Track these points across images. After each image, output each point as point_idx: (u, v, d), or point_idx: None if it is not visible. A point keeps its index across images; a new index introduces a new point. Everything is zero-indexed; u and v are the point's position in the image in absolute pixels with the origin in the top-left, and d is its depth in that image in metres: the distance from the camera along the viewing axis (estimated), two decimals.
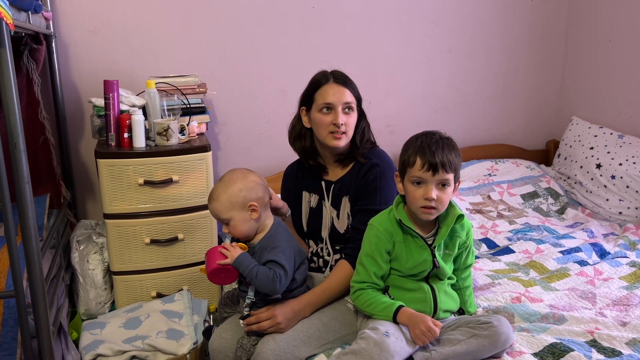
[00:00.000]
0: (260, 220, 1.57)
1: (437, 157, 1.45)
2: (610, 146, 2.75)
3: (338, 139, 1.70)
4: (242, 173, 1.58)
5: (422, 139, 1.50)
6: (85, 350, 1.87)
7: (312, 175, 1.84)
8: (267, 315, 1.55)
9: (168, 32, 2.55)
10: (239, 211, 1.53)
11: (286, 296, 1.59)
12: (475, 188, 2.83)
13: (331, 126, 1.69)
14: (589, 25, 3.05)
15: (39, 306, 1.53)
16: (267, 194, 1.60)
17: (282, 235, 1.58)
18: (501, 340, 1.47)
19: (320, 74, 1.76)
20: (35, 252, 1.48)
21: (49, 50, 2.30)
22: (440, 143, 1.49)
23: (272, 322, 1.54)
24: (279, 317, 1.54)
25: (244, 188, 1.53)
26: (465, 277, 1.67)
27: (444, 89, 3.08)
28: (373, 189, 1.70)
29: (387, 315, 1.50)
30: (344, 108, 1.70)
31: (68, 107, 2.47)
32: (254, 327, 1.57)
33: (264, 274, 1.48)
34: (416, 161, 1.47)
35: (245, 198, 1.53)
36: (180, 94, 2.31)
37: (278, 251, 1.52)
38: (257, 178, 1.59)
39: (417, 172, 1.48)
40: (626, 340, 1.54)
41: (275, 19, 2.68)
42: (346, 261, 1.68)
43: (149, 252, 2.18)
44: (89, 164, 2.58)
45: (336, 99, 1.70)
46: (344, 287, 1.66)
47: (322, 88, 1.73)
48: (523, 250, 2.26)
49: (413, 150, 1.49)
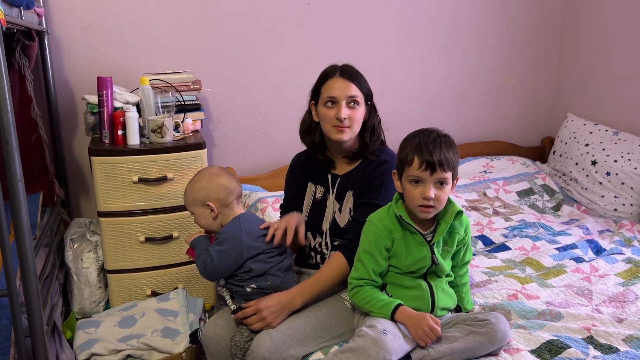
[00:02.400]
0: (219, 219, 1.66)
1: (435, 156, 1.45)
2: (605, 143, 2.75)
3: (341, 132, 1.69)
4: (211, 173, 1.68)
5: (419, 137, 1.49)
6: (80, 349, 1.85)
7: (319, 167, 1.83)
8: (252, 311, 1.56)
9: (162, 28, 2.53)
10: (199, 207, 1.65)
11: (242, 286, 1.63)
12: (471, 185, 2.82)
13: (334, 120, 1.68)
14: (584, 22, 3.05)
15: (33, 305, 1.52)
16: (232, 196, 1.66)
17: (232, 228, 1.63)
18: (499, 338, 1.46)
19: (330, 68, 1.75)
20: (28, 250, 1.47)
21: (41, 47, 2.28)
22: (438, 141, 1.47)
23: (258, 317, 1.55)
24: (264, 311, 1.55)
25: (205, 187, 1.64)
26: (463, 274, 1.67)
27: (439, 86, 3.07)
28: (378, 185, 1.69)
29: (385, 314, 1.49)
30: (348, 102, 1.69)
31: (61, 104, 2.45)
32: (243, 322, 1.58)
33: (199, 259, 1.61)
34: (414, 160, 1.46)
35: (205, 197, 1.64)
36: (174, 91, 2.30)
37: (216, 244, 1.62)
38: (225, 181, 1.66)
39: (415, 171, 1.47)
40: (623, 337, 1.54)
41: (271, 15, 2.67)
42: (340, 253, 1.67)
43: (144, 250, 2.17)
44: (82, 162, 2.56)
45: (340, 92, 1.69)
46: (337, 280, 1.65)
47: (328, 82, 1.72)
48: (519, 247, 2.26)
49: (411, 148, 1.48)
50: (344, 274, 1.64)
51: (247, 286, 1.62)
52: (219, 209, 1.64)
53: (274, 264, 1.64)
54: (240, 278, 1.62)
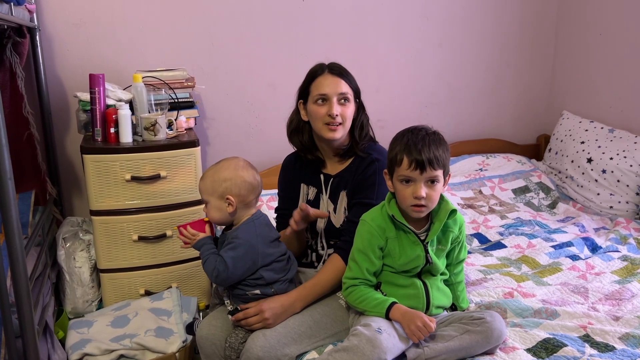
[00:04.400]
0: (235, 215, 1.59)
1: (424, 154, 1.43)
2: (601, 140, 2.75)
3: (333, 131, 1.68)
4: (237, 165, 1.60)
5: (408, 136, 1.48)
6: (72, 349, 1.83)
7: (311, 167, 1.82)
8: (255, 311, 1.55)
9: (155, 25, 2.50)
10: (216, 199, 1.57)
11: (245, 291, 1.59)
12: (466, 183, 2.82)
13: (326, 117, 1.67)
14: (580, 20, 3.04)
15: (23, 305, 1.50)
16: (253, 194, 1.60)
17: (248, 233, 1.57)
18: (494, 336, 1.46)
19: (317, 66, 1.74)
20: (18, 249, 1.45)
21: (32, 44, 2.25)
22: (427, 139, 1.46)
23: (260, 317, 1.54)
24: (267, 312, 1.54)
25: (228, 179, 1.57)
26: (458, 272, 1.66)
27: (434, 84, 3.06)
28: (371, 184, 1.68)
29: (380, 312, 1.48)
30: (339, 99, 1.68)
31: (53, 101, 2.42)
32: (242, 322, 1.56)
33: (209, 264, 1.54)
34: (403, 160, 1.45)
35: (226, 189, 1.56)
36: (167, 88, 2.28)
37: (229, 248, 1.55)
38: (250, 176, 1.59)
39: (404, 170, 1.46)
40: (619, 335, 1.54)
41: (265, 13, 2.65)
42: (338, 255, 1.66)
43: (137, 249, 2.15)
44: (75, 160, 2.53)
45: (331, 89, 1.68)
46: (336, 282, 1.65)
47: (317, 79, 1.71)
48: (515, 245, 2.26)
49: (400, 148, 1.47)
50: (342, 271, 1.64)
51: (251, 292, 1.59)
52: (238, 205, 1.57)
53: (283, 275, 1.62)
54: (247, 283, 1.59)
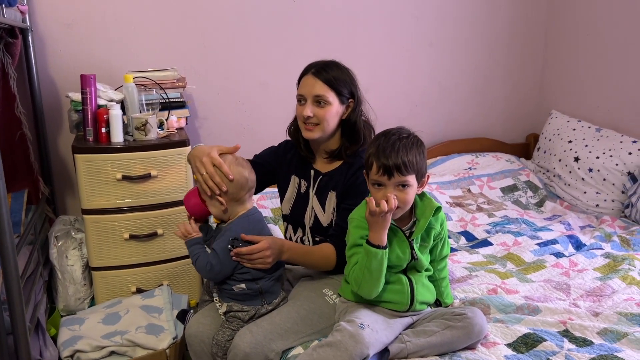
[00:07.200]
0: (227, 211, 1.63)
1: (391, 160, 1.43)
2: (588, 139, 2.78)
3: (309, 131, 1.71)
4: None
5: (380, 141, 1.48)
6: (64, 346, 1.86)
7: (303, 161, 1.84)
8: (260, 248, 1.57)
9: (146, 25, 2.53)
10: (208, 197, 1.61)
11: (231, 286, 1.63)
12: (455, 182, 2.85)
13: (302, 117, 1.70)
14: (569, 20, 3.07)
15: (15, 302, 1.53)
16: (243, 190, 1.63)
17: (240, 227, 1.61)
18: (475, 332, 1.49)
19: (309, 65, 1.76)
20: (10, 248, 1.47)
21: (25, 44, 2.27)
22: (397, 145, 1.45)
23: (262, 254, 1.57)
24: (268, 250, 1.57)
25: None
26: (442, 269, 1.69)
27: (425, 83, 3.09)
28: (362, 192, 1.67)
29: (368, 249, 1.46)
30: (314, 100, 1.69)
31: (45, 101, 2.44)
32: (244, 258, 1.58)
33: (201, 261, 1.59)
34: (373, 164, 1.47)
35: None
36: (159, 88, 2.30)
37: (221, 241, 1.60)
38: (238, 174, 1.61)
39: (374, 175, 1.47)
40: (597, 330, 1.57)
41: (256, 12, 2.67)
42: (330, 244, 1.70)
43: (128, 247, 2.17)
44: (67, 159, 2.55)
45: (306, 90, 1.70)
46: (323, 263, 1.70)
47: (302, 79, 1.75)
48: (501, 242, 2.29)
49: (372, 152, 1.48)
50: (330, 259, 1.68)
51: (237, 286, 1.62)
52: (228, 202, 1.61)
53: (270, 271, 1.64)
54: (234, 278, 1.62)
